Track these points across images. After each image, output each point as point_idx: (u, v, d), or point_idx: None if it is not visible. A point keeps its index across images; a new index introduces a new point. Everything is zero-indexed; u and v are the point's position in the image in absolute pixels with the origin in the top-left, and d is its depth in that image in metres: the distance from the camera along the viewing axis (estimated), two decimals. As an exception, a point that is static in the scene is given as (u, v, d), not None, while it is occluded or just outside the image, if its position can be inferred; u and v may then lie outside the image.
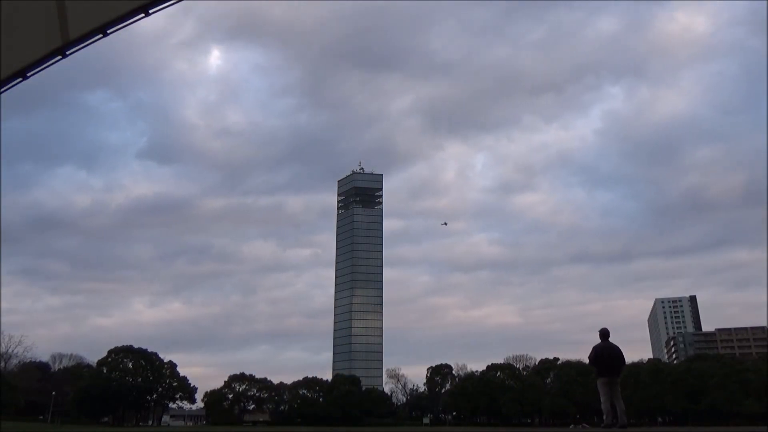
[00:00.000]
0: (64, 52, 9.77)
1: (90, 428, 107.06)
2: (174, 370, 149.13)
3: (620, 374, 15.15)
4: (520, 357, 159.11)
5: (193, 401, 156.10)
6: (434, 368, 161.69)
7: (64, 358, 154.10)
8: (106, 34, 9.72)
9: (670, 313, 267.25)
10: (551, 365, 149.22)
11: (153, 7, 9.51)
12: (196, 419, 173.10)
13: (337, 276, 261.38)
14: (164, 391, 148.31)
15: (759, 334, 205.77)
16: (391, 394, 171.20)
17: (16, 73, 9.93)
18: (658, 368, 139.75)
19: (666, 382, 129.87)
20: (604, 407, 14.67)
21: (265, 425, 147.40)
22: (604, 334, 15.00)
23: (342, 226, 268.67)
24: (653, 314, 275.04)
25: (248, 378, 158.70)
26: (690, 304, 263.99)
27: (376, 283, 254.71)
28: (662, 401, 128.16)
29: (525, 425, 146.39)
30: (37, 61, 9.85)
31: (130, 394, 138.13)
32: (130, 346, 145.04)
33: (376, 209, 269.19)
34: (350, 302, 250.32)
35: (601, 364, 14.81)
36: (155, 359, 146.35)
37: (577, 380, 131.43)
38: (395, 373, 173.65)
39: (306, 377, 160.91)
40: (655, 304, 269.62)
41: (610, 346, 14.90)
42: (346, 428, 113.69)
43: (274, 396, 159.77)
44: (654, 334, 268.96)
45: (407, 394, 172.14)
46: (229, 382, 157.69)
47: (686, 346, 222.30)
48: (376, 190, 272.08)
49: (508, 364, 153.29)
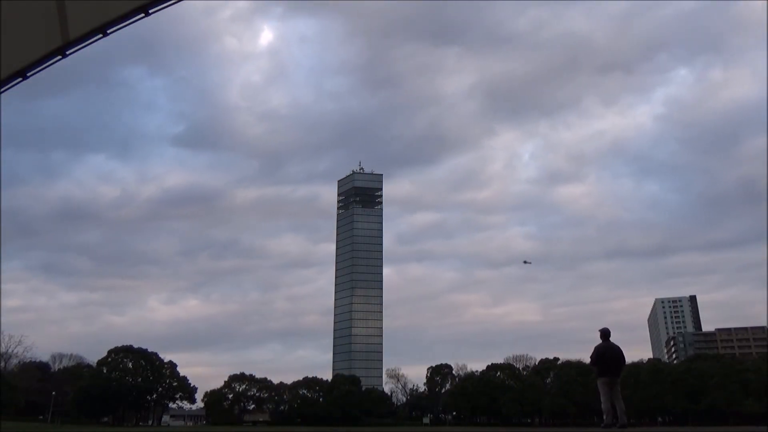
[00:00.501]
0: (64, 52, 9.78)
1: (90, 428, 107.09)
2: (174, 370, 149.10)
3: (621, 374, 15.17)
4: (520, 357, 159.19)
5: (193, 401, 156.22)
6: (434, 368, 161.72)
7: (64, 358, 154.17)
8: (106, 34, 9.73)
9: (670, 313, 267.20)
10: (551, 365, 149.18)
11: (153, 7, 9.52)
12: (196, 419, 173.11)
13: (337, 276, 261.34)
14: (164, 391, 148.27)
15: (759, 334, 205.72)
16: (391, 394, 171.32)
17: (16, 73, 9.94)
18: (658, 368, 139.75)
19: (666, 382, 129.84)
20: (605, 407, 14.68)
21: (265, 425, 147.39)
22: (605, 334, 15.03)
23: (342, 226, 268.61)
24: (653, 314, 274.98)
25: (248, 378, 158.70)
26: (690, 304, 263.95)
27: (377, 283, 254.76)
28: (662, 401, 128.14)
29: (525, 425, 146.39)
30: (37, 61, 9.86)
31: (130, 394, 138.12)
32: (130, 346, 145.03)
33: (376, 209, 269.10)
34: (350, 302, 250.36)
35: (602, 364, 14.82)
36: (155, 359, 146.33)
37: (577, 380, 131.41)
38: (395, 373, 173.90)
39: (306, 377, 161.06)
40: (655, 304, 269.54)
41: (612, 346, 14.92)
42: (346, 428, 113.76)
43: (274, 396, 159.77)
44: (654, 334, 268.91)
45: (407, 394, 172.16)
46: (229, 382, 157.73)
47: (686, 346, 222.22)
48: (376, 190, 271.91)
49: (508, 364, 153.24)
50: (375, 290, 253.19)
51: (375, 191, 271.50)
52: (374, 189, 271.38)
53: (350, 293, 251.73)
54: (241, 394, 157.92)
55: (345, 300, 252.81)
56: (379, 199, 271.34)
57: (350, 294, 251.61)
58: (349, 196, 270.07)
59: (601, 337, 15.06)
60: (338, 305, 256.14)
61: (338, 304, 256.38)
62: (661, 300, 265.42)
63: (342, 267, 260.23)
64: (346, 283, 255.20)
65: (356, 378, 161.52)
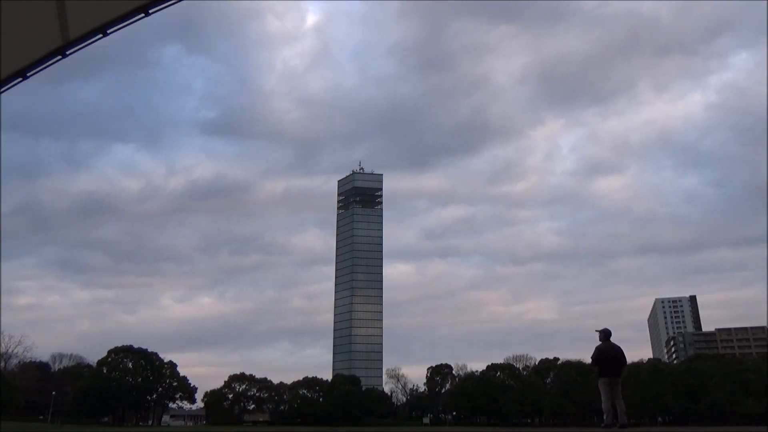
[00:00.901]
0: (64, 52, 9.78)
1: (90, 428, 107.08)
2: (174, 370, 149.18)
3: (621, 374, 15.20)
4: (520, 357, 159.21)
5: (193, 401, 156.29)
6: (434, 368, 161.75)
7: (64, 358, 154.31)
8: (106, 34, 9.73)
9: (670, 313, 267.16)
10: (551, 365, 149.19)
11: (153, 7, 9.51)
12: (196, 419, 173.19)
13: (337, 276, 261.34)
14: (164, 391, 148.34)
15: (759, 334, 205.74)
16: (391, 394, 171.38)
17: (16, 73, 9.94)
18: (658, 368, 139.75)
19: (666, 382, 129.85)
20: (605, 407, 14.71)
21: (265, 425, 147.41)
22: (606, 335, 15.06)
23: (342, 226, 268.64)
24: (653, 314, 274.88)
25: (248, 378, 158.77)
26: (690, 304, 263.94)
27: (377, 283, 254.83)
28: (662, 401, 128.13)
29: (525, 425, 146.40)
30: (37, 61, 9.86)
31: (130, 394, 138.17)
32: (130, 346, 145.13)
33: (376, 209, 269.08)
34: (350, 302, 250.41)
35: (603, 364, 14.86)
36: (155, 359, 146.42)
37: (577, 380, 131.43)
38: (395, 373, 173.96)
39: (306, 377, 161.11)
40: (655, 304, 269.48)
41: (613, 346, 14.96)
42: (346, 428, 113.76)
43: (274, 396, 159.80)
44: (654, 334, 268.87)
45: (407, 394, 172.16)
46: (229, 382, 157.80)
47: (686, 346, 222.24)
48: (376, 190, 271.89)
49: (508, 364, 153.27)
50: (375, 290, 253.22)
51: (375, 191, 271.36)
52: (374, 189, 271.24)
53: (350, 293, 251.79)
54: (241, 394, 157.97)
55: (345, 300, 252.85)
56: (379, 199, 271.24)
57: (350, 294, 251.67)
58: (349, 196, 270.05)
59: (601, 338, 15.10)
60: (338, 305, 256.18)
61: (338, 304, 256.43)
62: (661, 300, 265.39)
63: (342, 267, 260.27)
64: (346, 284, 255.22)
65: (356, 378, 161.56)
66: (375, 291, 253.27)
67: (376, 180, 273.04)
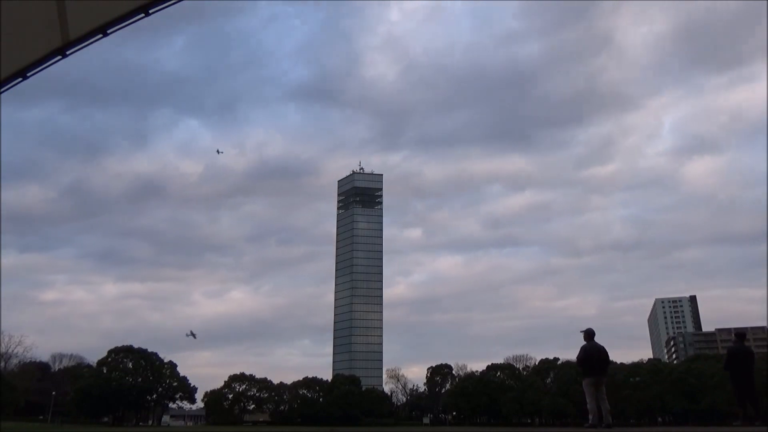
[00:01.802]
0: (64, 52, 9.79)
1: (90, 428, 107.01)
2: (174, 370, 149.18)
3: (606, 374, 15.22)
4: (520, 357, 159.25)
5: (193, 401, 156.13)
6: (434, 368, 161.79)
7: (64, 358, 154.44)
8: (106, 34, 9.75)
9: (670, 313, 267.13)
10: (551, 365, 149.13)
11: (153, 7, 9.53)
12: (196, 419, 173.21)
13: (337, 276, 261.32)
14: (164, 391, 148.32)
15: (759, 334, 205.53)
16: (391, 394, 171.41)
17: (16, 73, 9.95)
18: (658, 368, 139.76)
19: (666, 382, 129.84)
20: (590, 407, 14.78)
21: (265, 425, 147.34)
22: (590, 335, 15.05)
23: (342, 226, 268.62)
24: (653, 314, 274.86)
25: (248, 378, 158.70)
26: (690, 304, 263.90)
27: (377, 283, 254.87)
28: (662, 401, 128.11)
29: (525, 425, 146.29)
30: (37, 61, 9.87)
31: (130, 394, 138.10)
32: (130, 345, 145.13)
33: (376, 209, 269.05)
34: (350, 302, 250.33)
35: (588, 365, 14.86)
36: (155, 359, 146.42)
37: (577, 380, 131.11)
38: (395, 373, 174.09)
39: (306, 377, 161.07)
40: (655, 304, 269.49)
41: (597, 346, 14.96)
42: (346, 428, 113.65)
43: (274, 396, 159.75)
44: (654, 334, 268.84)
45: (407, 394, 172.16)
46: (229, 382, 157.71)
47: (686, 346, 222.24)
48: (376, 190, 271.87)
49: (508, 364, 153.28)
50: (375, 290, 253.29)
51: (375, 191, 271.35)
52: (374, 189, 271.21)
53: (350, 293, 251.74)
54: (241, 394, 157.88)
55: (345, 300, 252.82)
56: (379, 199, 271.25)
57: (350, 294, 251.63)
58: (349, 196, 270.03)
59: (585, 338, 15.08)
60: (338, 305, 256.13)
61: (338, 304, 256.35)
62: (661, 300, 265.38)
63: (342, 267, 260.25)
64: (346, 284, 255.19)
65: (356, 378, 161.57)
66: (375, 291, 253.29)
67: (376, 180, 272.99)
